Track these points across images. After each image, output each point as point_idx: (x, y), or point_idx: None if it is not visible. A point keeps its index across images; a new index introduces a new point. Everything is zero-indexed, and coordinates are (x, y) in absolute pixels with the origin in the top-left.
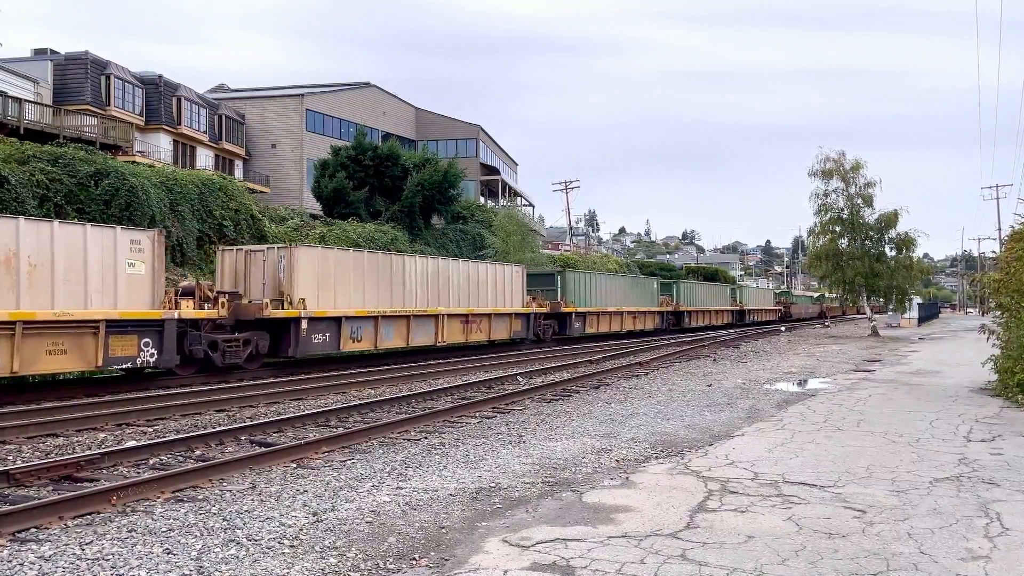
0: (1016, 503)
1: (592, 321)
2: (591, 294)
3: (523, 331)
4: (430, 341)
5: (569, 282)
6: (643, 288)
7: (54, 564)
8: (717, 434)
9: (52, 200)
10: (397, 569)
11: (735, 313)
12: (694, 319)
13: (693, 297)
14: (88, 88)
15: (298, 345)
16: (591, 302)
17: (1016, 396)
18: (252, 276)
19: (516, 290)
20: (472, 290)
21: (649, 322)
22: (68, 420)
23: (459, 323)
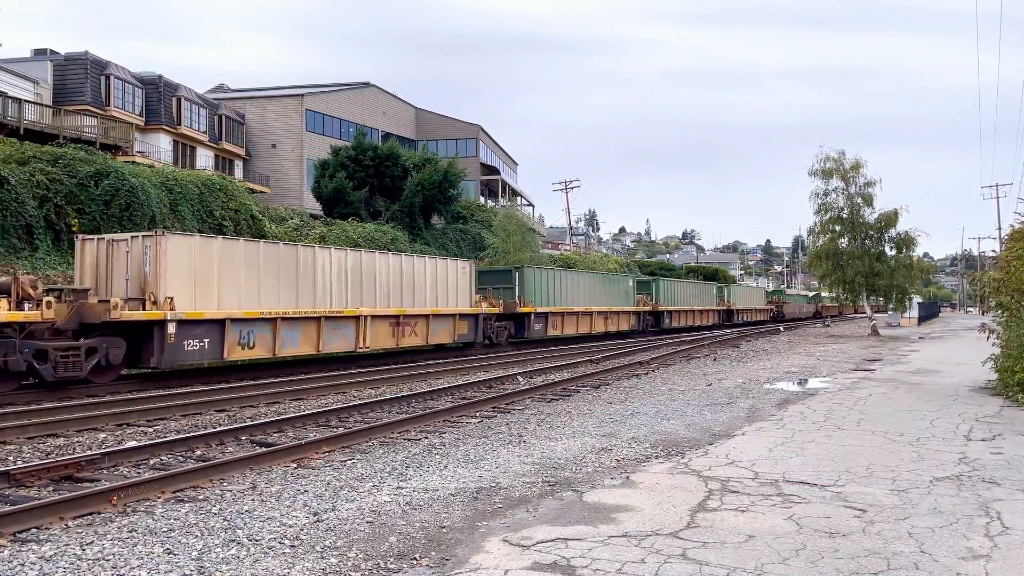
0: (1017, 502)
1: (555, 322)
2: (555, 292)
3: (471, 334)
4: (349, 347)
5: (529, 279)
6: (616, 286)
7: (55, 564)
8: (717, 433)
9: (52, 200)
10: (398, 569)
11: (722, 313)
12: (676, 319)
13: (674, 296)
14: (88, 88)
15: (163, 353)
16: (555, 301)
17: (1016, 395)
18: (115, 271)
19: (463, 288)
20: (406, 288)
21: (624, 323)
22: (68, 420)
23: (388, 326)
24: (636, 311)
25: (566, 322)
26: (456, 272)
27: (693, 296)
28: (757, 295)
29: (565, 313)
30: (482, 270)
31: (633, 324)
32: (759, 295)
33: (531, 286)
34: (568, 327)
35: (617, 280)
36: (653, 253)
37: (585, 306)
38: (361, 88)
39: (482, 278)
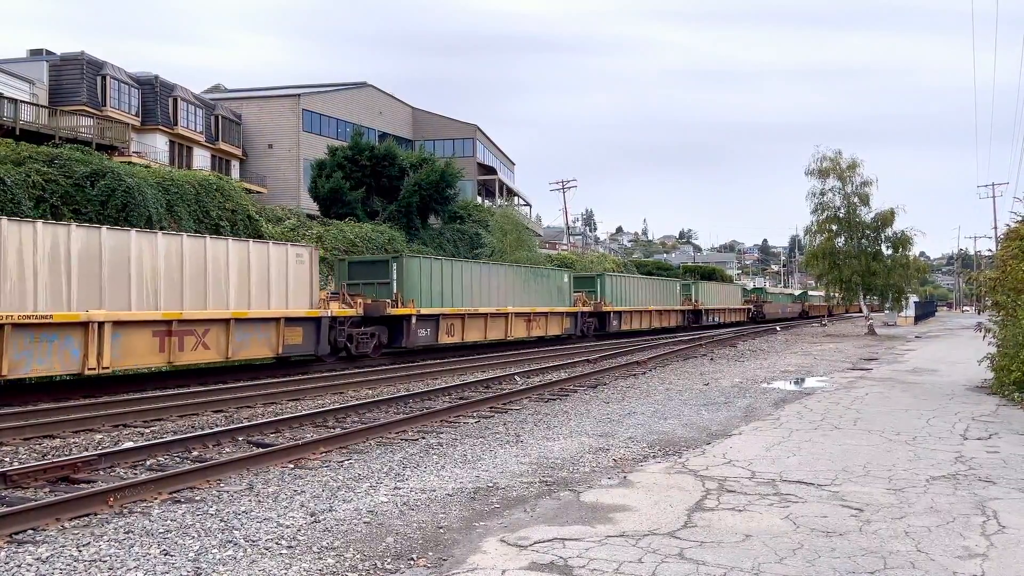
0: (1013, 501)
1: (451, 327)
2: (452, 290)
3: (308, 344)
4: (75, 368)
5: (411, 272)
6: (545, 282)
7: (51, 566)
8: (714, 433)
9: (48, 201)
10: (395, 569)
11: (687, 314)
12: (627, 321)
13: (625, 294)
14: (84, 89)
15: None
16: (452, 300)
17: (1012, 394)
18: None
19: (299, 283)
20: (191, 281)
21: (555, 326)
22: (65, 421)
23: (150, 336)
24: (572, 311)
25: (468, 326)
26: (285, 261)
27: (650, 294)
28: (731, 293)
29: (467, 315)
30: (352, 261)
31: (568, 327)
32: (734, 293)
33: (414, 281)
34: (472, 332)
35: (547, 275)
36: (650, 253)
37: (498, 306)
38: (358, 88)
39: (352, 271)
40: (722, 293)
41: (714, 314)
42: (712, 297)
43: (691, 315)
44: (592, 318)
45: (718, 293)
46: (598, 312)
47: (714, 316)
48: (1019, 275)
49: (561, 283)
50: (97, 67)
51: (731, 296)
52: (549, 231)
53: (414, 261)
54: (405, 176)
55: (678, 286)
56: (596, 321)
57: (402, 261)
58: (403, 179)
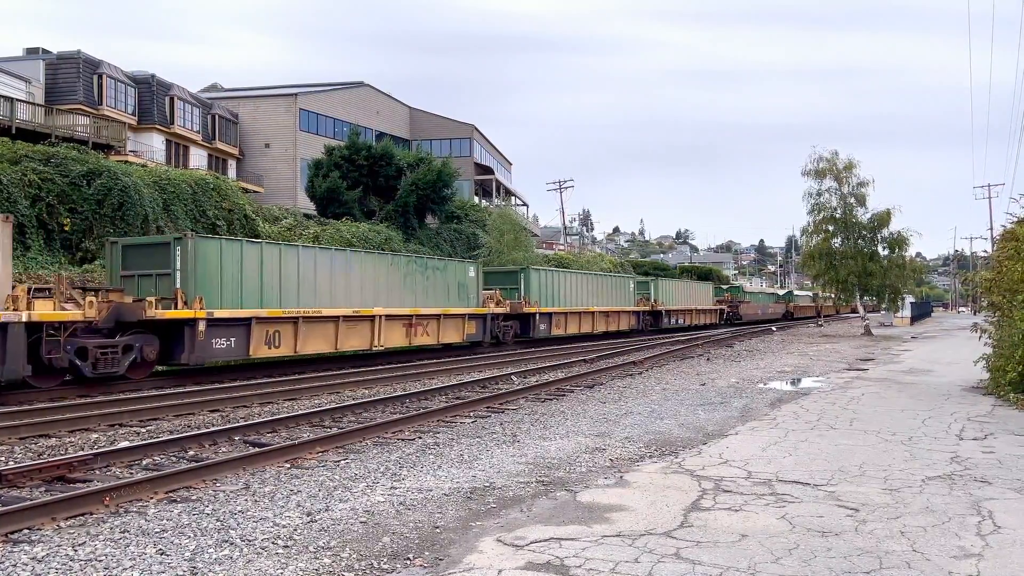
0: (1008, 501)
1: (275, 336)
2: (266, 283)
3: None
4: None
5: (202, 260)
6: (429, 275)
7: (47, 565)
8: (711, 433)
9: (44, 200)
10: (391, 569)
11: (643, 315)
12: (557, 325)
13: (556, 292)
14: (80, 87)
15: None
16: (269, 298)
17: (1008, 394)
18: None
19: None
20: None
21: (451, 332)
22: (60, 421)
23: None
24: (479, 313)
25: (306, 334)
26: None
27: (594, 293)
28: (699, 292)
29: (302, 319)
30: (128, 244)
31: (473, 332)
32: (703, 292)
33: (209, 271)
34: (312, 342)
35: (442, 268)
36: (647, 253)
37: (360, 307)
38: (355, 88)
39: (128, 258)
40: (688, 292)
41: (678, 315)
42: (675, 296)
43: (648, 317)
44: (511, 321)
45: (684, 292)
46: (518, 314)
47: (678, 318)
48: (1015, 276)
49: (464, 278)
50: (94, 66)
51: (699, 295)
52: (546, 231)
53: (210, 244)
54: (402, 176)
55: (632, 283)
56: (517, 324)
57: (187, 244)
58: (400, 179)
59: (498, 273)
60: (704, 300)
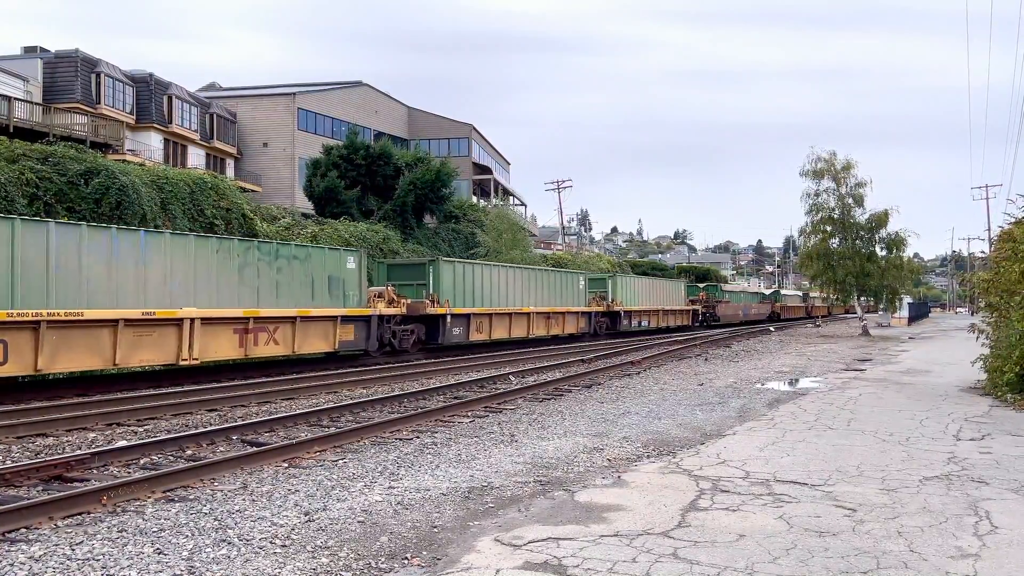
0: (1006, 501)
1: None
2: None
3: None
4: None
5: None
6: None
7: (44, 564)
8: (709, 433)
9: (42, 199)
10: (389, 568)
11: (596, 316)
12: (478, 328)
13: (483, 290)
14: (78, 86)
15: None
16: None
17: (1005, 395)
18: None
19: None
20: None
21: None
22: (58, 420)
23: None
24: (359, 315)
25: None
26: None
27: (530, 292)
28: (669, 291)
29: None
30: None
31: (351, 339)
32: (673, 291)
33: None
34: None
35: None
36: (645, 253)
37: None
38: (353, 87)
39: None
40: (655, 290)
41: (641, 317)
42: (638, 295)
43: (603, 319)
44: (412, 324)
45: (649, 290)
46: (421, 315)
47: (642, 320)
48: (1012, 276)
49: (340, 270)
50: (92, 65)
51: (669, 294)
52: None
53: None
54: (400, 175)
55: (582, 280)
56: (422, 329)
57: None
58: (398, 178)
59: (402, 266)
60: (675, 299)
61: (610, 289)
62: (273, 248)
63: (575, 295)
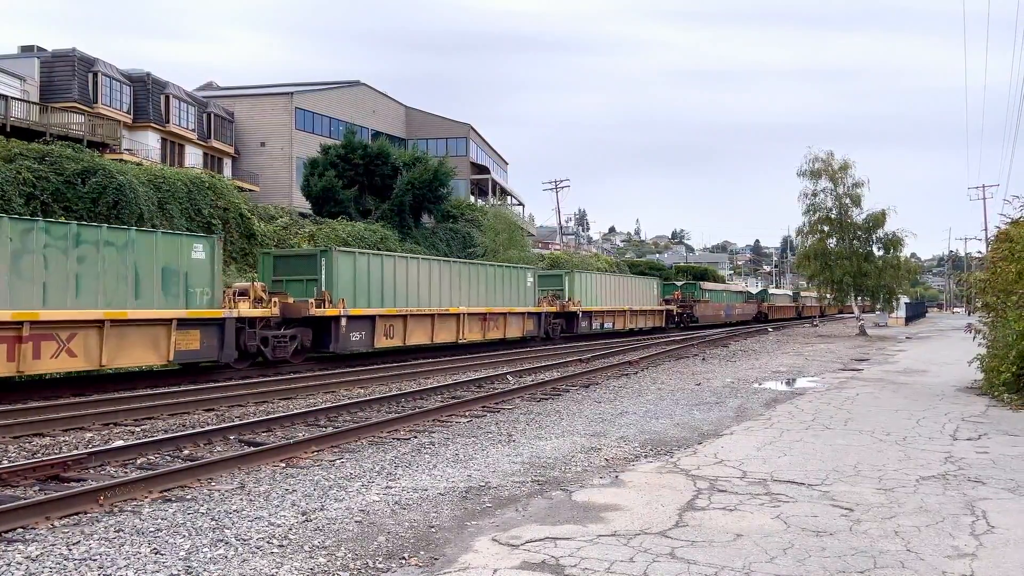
0: (1002, 501)
1: None
2: None
3: None
4: None
5: None
6: (98, 259)
7: (41, 564)
8: (706, 433)
9: (38, 198)
10: (387, 568)
11: (546, 318)
12: (389, 333)
13: (397, 288)
14: (75, 85)
15: None
16: None
17: (1002, 395)
18: None
19: None
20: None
21: (141, 349)
22: (55, 420)
23: None
24: (203, 317)
25: None
26: None
27: (459, 288)
28: (639, 289)
29: None
30: None
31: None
32: (644, 289)
33: None
34: None
35: (124, 246)
36: (643, 253)
37: None
38: (351, 86)
39: None
40: (622, 288)
41: (604, 318)
42: (600, 293)
43: (557, 320)
44: (295, 328)
45: (614, 288)
46: (304, 318)
47: (604, 321)
48: (1008, 277)
49: (180, 260)
50: (88, 64)
51: (638, 292)
52: (542, 231)
53: None
54: (398, 175)
55: (530, 276)
56: (307, 334)
57: None
58: (396, 178)
59: (290, 258)
60: (646, 299)
61: (566, 287)
62: (71, 231)
63: (521, 293)
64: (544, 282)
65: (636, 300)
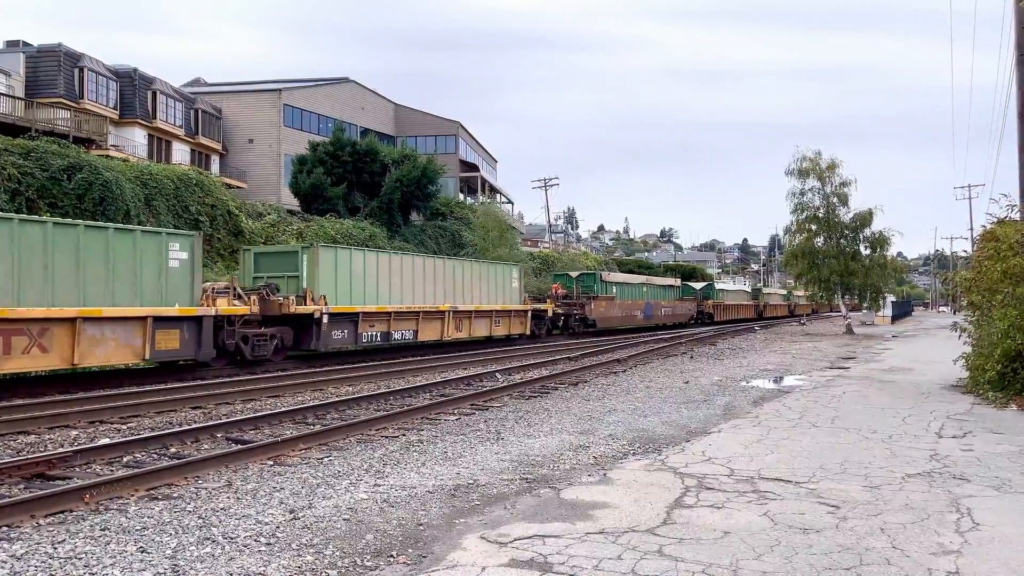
0: (987, 498)
1: None
2: None
3: None
4: None
5: None
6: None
7: (26, 563)
8: (694, 431)
9: (24, 194)
10: (375, 566)
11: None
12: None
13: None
14: (61, 81)
15: None
16: None
17: (987, 393)
18: None
19: None
20: None
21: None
22: (40, 417)
23: None
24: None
25: None
26: None
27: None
28: (481, 278)
29: None
30: None
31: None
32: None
33: None
34: None
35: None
36: (632, 251)
37: None
38: (340, 83)
39: None
40: (437, 278)
41: (395, 324)
42: (377, 285)
43: (282, 329)
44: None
45: (420, 277)
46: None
47: (394, 329)
48: (994, 276)
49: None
50: (75, 59)
51: (485, 284)
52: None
53: None
54: (387, 172)
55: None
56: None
57: None
58: (385, 175)
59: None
60: (500, 294)
61: (304, 271)
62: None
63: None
64: (269, 264)
65: (481, 295)
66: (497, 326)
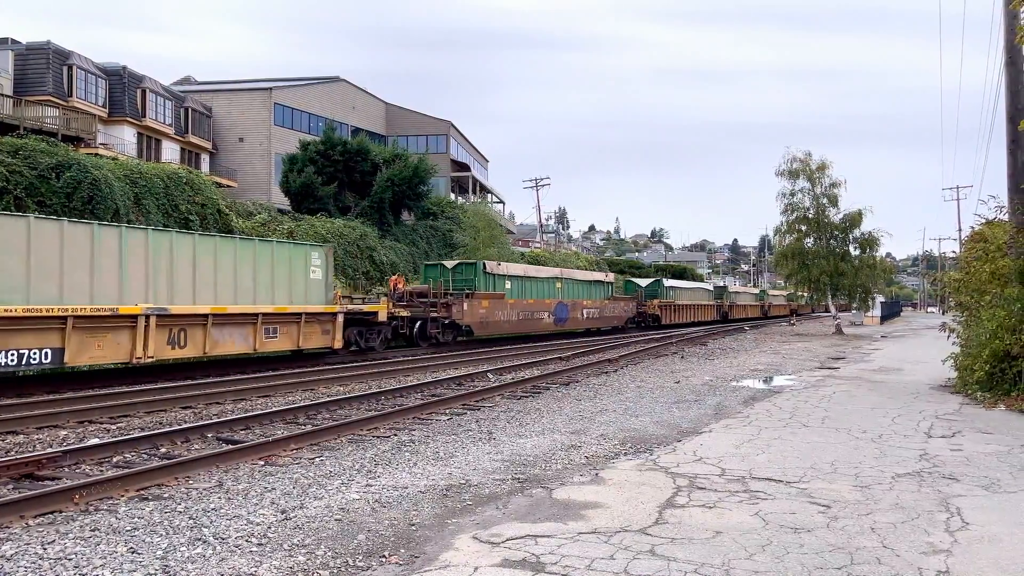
0: (976, 498)
1: None
2: None
3: None
4: None
5: None
6: None
7: (15, 564)
8: (685, 430)
9: (12, 193)
10: (367, 567)
11: None
12: None
13: None
14: (50, 79)
15: None
16: None
17: (975, 393)
18: None
19: None
20: None
21: None
22: (28, 417)
23: None
24: None
25: None
26: None
27: None
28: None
29: None
30: None
31: None
32: (284, 267)
33: None
34: None
35: None
36: (622, 251)
37: None
38: (331, 82)
39: None
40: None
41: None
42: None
43: None
44: None
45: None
46: None
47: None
48: (982, 276)
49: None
50: (63, 57)
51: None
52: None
53: None
54: (378, 172)
55: None
56: None
57: None
58: (376, 175)
59: None
60: (282, 288)
61: None
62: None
63: None
64: None
65: (227, 287)
66: (270, 338)
